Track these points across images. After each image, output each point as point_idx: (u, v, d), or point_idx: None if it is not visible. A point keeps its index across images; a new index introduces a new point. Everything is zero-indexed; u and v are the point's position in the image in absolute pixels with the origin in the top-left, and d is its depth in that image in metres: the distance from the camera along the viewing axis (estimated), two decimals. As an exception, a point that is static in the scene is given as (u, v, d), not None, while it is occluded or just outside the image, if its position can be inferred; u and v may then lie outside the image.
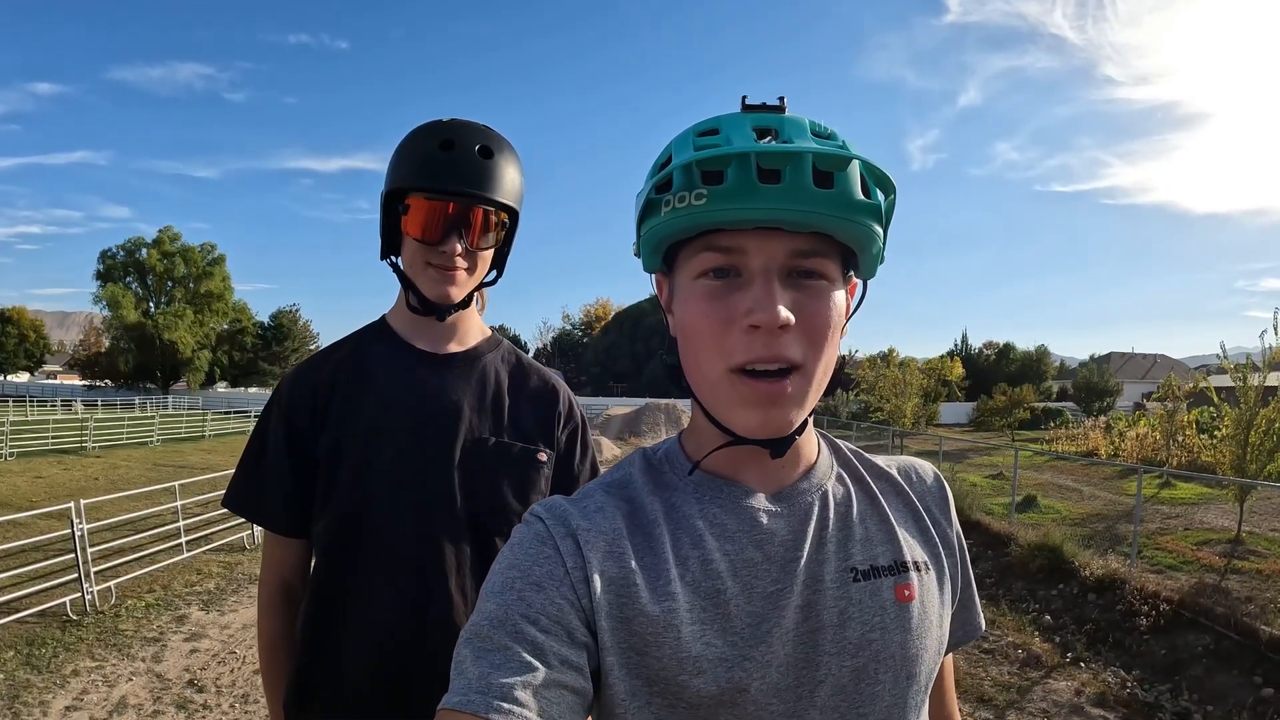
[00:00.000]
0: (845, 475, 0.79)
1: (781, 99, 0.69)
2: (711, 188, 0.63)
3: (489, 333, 1.40)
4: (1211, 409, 11.30)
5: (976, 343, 61.03)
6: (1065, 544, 7.91)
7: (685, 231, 0.67)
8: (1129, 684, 5.38)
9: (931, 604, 0.74)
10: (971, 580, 0.84)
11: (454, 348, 1.33)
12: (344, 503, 1.23)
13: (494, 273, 1.34)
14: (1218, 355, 9.88)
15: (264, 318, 60.50)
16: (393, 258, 1.30)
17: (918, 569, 0.74)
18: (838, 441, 0.83)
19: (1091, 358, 62.56)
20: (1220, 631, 5.71)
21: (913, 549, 0.76)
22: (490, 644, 0.61)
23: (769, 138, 0.66)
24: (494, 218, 1.23)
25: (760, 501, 0.72)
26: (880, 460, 0.83)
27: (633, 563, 0.68)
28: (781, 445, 0.70)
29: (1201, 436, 12.95)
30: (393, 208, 1.23)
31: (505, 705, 0.57)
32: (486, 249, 1.26)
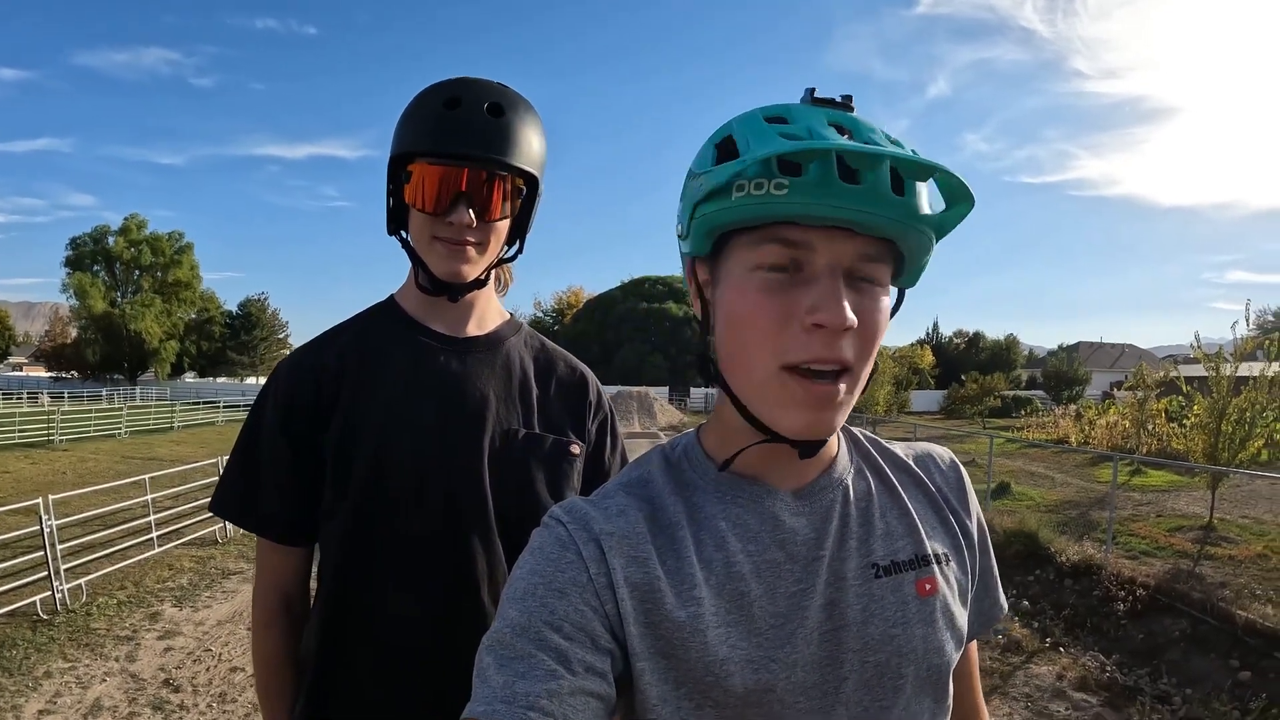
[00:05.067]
0: (865, 468, 0.78)
1: (848, 97, 0.67)
2: (792, 179, 0.60)
3: (508, 315, 1.29)
4: (1180, 398, 11.50)
5: (947, 331, 61.96)
6: (1041, 530, 8.04)
7: (752, 220, 0.63)
8: (1109, 668, 5.48)
9: (953, 596, 0.74)
10: (992, 564, 0.83)
11: (473, 330, 1.21)
12: (358, 503, 1.11)
13: (512, 247, 1.22)
14: (1191, 345, 10.06)
15: (232, 306, 59.32)
16: (402, 233, 1.17)
17: (938, 561, 0.74)
18: (855, 432, 0.82)
19: (1060, 347, 63.61)
20: (1196, 616, 5.83)
21: (933, 541, 0.75)
22: (513, 652, 0.61)
23: (845, 136, 0.63)
24: (508, 184, 1.10)
25: (782, 500, 0.72)
26: (899, 449, 0.82)
27: (657, 568, 0.67)
28: (815, 447, 0.69)
29: (1171, 425, 13.19)
30: (397, 175, 1.11)
31: (531, 714, 0.56)
32: (501, 220, 1.13)
